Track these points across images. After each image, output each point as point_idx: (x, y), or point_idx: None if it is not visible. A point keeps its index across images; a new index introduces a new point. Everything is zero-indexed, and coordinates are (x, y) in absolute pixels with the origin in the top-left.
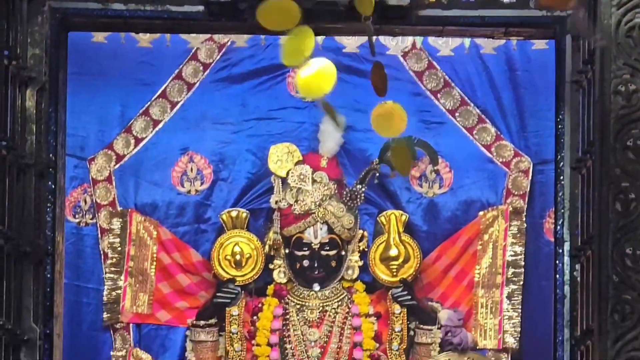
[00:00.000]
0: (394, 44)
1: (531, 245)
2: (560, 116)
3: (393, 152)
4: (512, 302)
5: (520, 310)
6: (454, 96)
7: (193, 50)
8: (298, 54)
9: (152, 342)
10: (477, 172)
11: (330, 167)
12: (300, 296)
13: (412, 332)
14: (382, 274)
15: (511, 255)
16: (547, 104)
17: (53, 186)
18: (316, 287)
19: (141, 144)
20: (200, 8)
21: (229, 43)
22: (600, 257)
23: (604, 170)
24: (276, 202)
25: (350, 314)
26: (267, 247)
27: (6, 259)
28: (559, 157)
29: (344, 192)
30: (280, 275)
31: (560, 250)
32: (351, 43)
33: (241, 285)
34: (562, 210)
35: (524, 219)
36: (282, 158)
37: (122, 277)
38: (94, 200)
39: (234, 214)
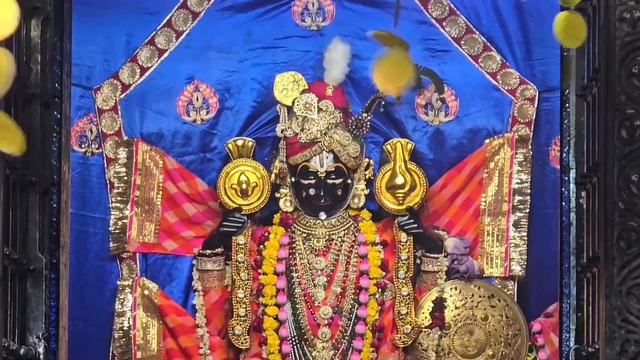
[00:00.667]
0: None
1: (537, 172)
2: None
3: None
4: (519, 229)
5: (526, 238)
6: (459, 24)
7: None
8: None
9: (158, 272)
10: (483, 100)
11: (336, 96)
12: (307, 225)
13: (418, 261)
14: (388, 202)
15: (517, 183)
16: (553, 31)
17: (59, 116)
18: (322, 215)
19: (147, 74)
20: None
21: None
22: (606, 184)
23: (609, 97)
24: (282, 131)
25: (356, 242)
26: (273, 175)
27: (12, 188)
28: (564, 84)
29: (350, 121)
30: (286, 204)
31: (566, 178)
32: None
33: (247, 214)
34: (568, 138)
35: (530, 147)
36: (287, 87)
37: (128, 207)
38: (100, 130)
39: (240, 142)
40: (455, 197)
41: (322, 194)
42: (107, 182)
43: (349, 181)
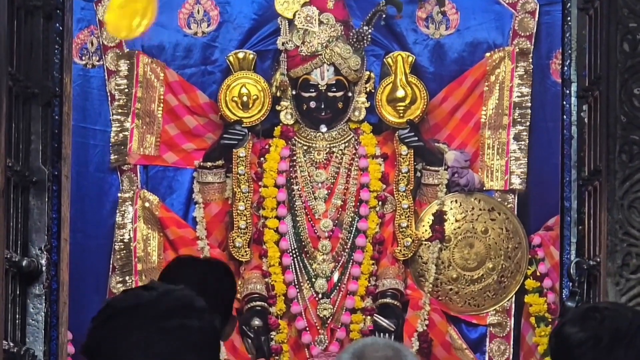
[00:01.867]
0: None
1: (538, 86)
2: None
3: None
4: (519, 143)
5: (526, 151)
6: None
7: None
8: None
9: (159, 184)
10: (484, 14)
11: (337, 9)
12: (307, 137)
13: (418, 174)
14: (389, 115)
15: (518, 96)
16: None
17: (60, 28)
18: (323, 128)
19: None
20: None
21: None
22: (608, 97)
23: (611, 11)
24: (283, 44)
25: (357, 155)
26: (273, 88)
27: (14, 100)
28: None
29: (351, 34)
30: (287, 116)
31: (568, 91)
32: None
33: (248, 127)
34: (570, 52)
35: (531, 60)
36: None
37: (129, 119)
38: (101, 42)
39: (240, 55)
40: (456, 110)
41: (322, 106)
42: (108, 94)
43: (350, 94)
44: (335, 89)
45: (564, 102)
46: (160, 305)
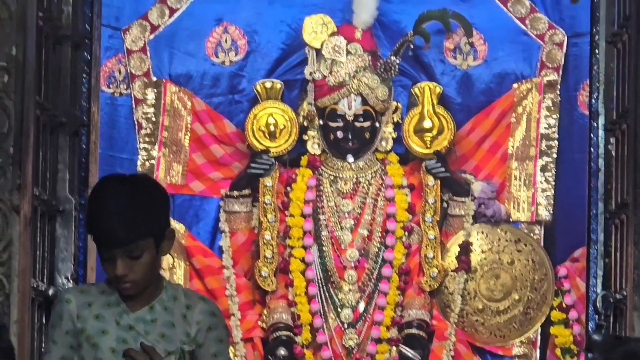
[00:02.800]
0: None
1: (565, 117)
2: None
3: None
4: (546, 174)
5: (553, 183)
6: None
7: None
8: None
9: (185, 213)
10: (512, 45)
11: (365, 39)
12: (334, 167)
13: (445, 204)
14: (416, 145)
15: (545, 128)
16: None
17: (88, 57)
18: (350, 158)
19: (176, 14)
20: None
21: None
22: (635, 130)
23: None
24: (310, 74)
25: (383, 185)
26: (301, 118)
27: (42, 129)
28: (594, 30)
29: (378, 64)
30: (314, 146)
31: (595, 124)
32: None
33: (275, 156)
34: (597, 84)
35: (558, 92)
36: (316, 29)
37: (156, 148)
38: (129, 71)
39: (268, 84)
40: (483, 141)
41: (349, 136)
42: (135, 122)
43: (377, 124)
44: (362, 119)
45: (591, 135)
46: None
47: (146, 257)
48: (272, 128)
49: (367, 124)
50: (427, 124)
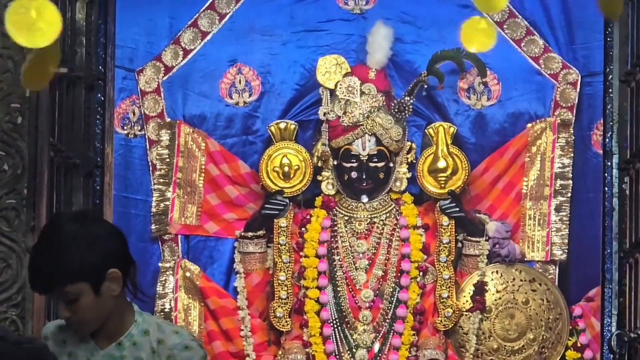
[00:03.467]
0: None
1: (579, 157)
2: (610, 29)
3: None
4: (560, 214)
5: (568, 222)
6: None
7: None
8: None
9: (200, 254)
10: (525, 84)
11: (379, 79)
12: (349, 208)
13: (460, 244)
14: (430, 185)
15: (559, 167)
16: (596, 16)
17: (102, 98)
18: (364, 198)
19: (189, 56)
20: None
21: None
22: None
23: None
24: (324, 114)
25: (398, 225)
26: (315, 158)
27: (56, 171)
28: (607, 69)
29: (392, 104)
30: (328, 186)
31: (609, 163)
32: None
33: (289, 197)
34: (611, 123)
35: (572, 131)
36: (330, 70)
37: (171, 189)
38: (143, 112)
39: (282, 125)
40: (497, 181)
41: (364, 177)
42: (150, 164)
43: (391, 164)
44: (376, 160)
45: (605, 174)
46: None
47: (84, 300)
48: (286, 169)
49: (381, 164)
50: (441, 164)
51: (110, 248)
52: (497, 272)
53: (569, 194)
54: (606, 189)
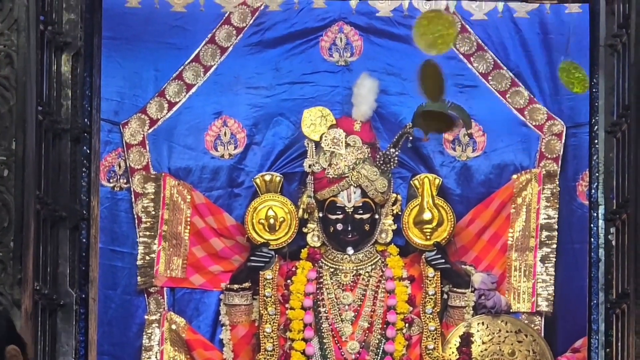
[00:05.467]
0: (427, 8)
1: (564, 208)
2: (595, 80)
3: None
4: (546, 265)
5: (554, 274)
6: (487, 60)
7: (226, 15)
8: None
9: (186, 306)
10: (511, 136)
11: (364, 131)
12: (334, 260)
13: (445, 296)
14: (416, 237)
15: (544, 219)
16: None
17: (88, 151)
18: (350, 250)
19: (175, 108)
20: None
21: (262, 7)
22: (636, 220)
23: (639, 134)
24: (310, 166)
25: (383, 277)
26: (300, 211)
27: (42, 224)
28: (593, 120)
29: (378, 156)
30: (314, 239)
31: (595, 214)
32: (384, 7)
33: (275, 249)
34: (597, 174)
35: (557, 182)
36: (315, 122)
37: (156, 241)
38: (128, 165)
39: (267, 177)
40: (483, 232)
41: (349, 229)
42: (135, 216)
43: (377, 216)
44: (362, 211)
45: (592, 225)
46: None
47: None
48: (271, 221)
49: (366, 216)
50: (426, 215)
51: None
52: (483, 323)
53: (555, 245)
54: (592, 239)
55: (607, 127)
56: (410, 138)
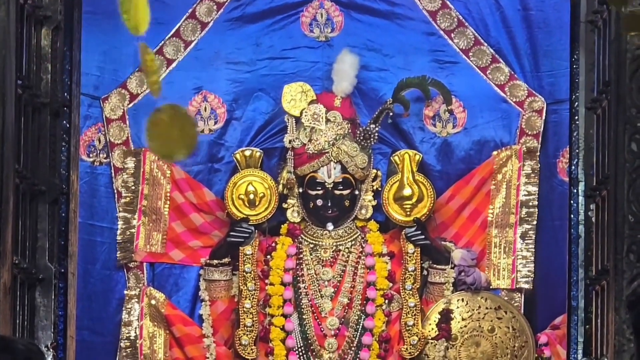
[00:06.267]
0: None
1: (544, 185)
2: (575, 56)
3: None
4: (526, 241)
5: (533, 250)
6: (468, 36)
7: None
8: None
9: (165, 281)
10: (491, 112)
11: (344, 107)
12: (314, 235)
13: (425, 272)
14: (396, 213)
15: (524, 195)
16: (562, 43)
17: (68, 125)
18: (330, 226)
19: None
20: None
21: None
22: (616, 197)
23: (619, 110)
24: (290, 142)
25: (363, 253)
26: (280, 186)
27: (21, 198)
28: (573, 97)
29: (358, 132)
30: (293, 214)
31: (575, 190)
32: None
33: (255, 225)
34: (577, 150)
35: (538, 159)
36: (295, 97)
37: (136, 216)
38: (108, 139)
39: (247, 153)
40: (463, 208)
41: (329, 204)
42: (115, 191)
43: (357, 192)
44: (342, 187)
45: (572, 201)
46: None
47: None
48: (251, 196)
49: (346, 192)
50: (406, 191)
51: None
52: (462, 299)
53: (535, 222)
54: (572, 216)
55: (587, 104)
56: (391, 114)
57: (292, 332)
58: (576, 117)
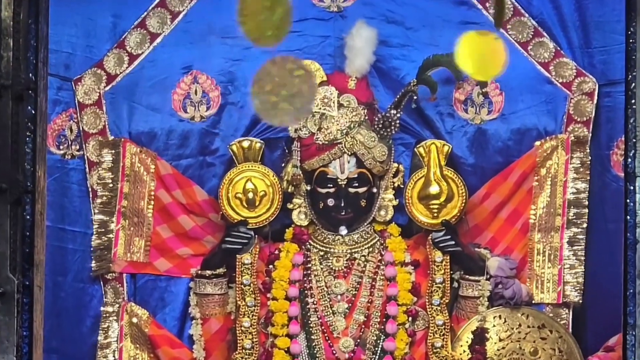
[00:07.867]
0: None
1: (596, 180)
2: (632, 29)
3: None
4: (574, 248)
5: (583, 258)
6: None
7: None
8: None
9: (149, 296)
10: (533, 95)
11: (360, 89)
12: (324, 241)
13: (456, 284)
14: (421, 215)
15: (573, 193)
16: (616, 14)
17: (33, 111)
18: (343, 230)
19: (136, 62)
20: None
21: None
22: None
23: None
24: (296, 130)
25: (382, 262)
26: (285, 183)
27: None
28: (629, 77)
29: (376, 119)
30: (300, 216)
31: (632, 187)
32: None
33: (254, 229)
34: (634, 140)
35: (588, 150)
36: None
37: (114, 219)
38: (81, 128)
39: (245, 144)
40: (500, 209)
41: (342, 204)
42: (90, 189)
43: (374, 190)
44: (357, 184)
45: (628, 200)
46: None
47: None
48: (250, 195)
49: (362, 189)
50: (433, 189)
51: None
52: (499, 317)
53: (585, 225)
54: (628, 217)
55: None
56: (415, 98)
57: (299, 355)
58: (633, 101)
